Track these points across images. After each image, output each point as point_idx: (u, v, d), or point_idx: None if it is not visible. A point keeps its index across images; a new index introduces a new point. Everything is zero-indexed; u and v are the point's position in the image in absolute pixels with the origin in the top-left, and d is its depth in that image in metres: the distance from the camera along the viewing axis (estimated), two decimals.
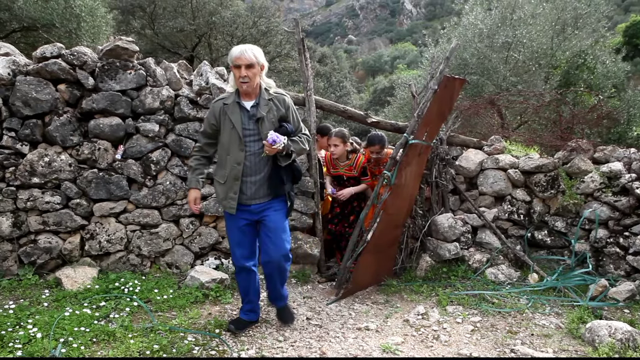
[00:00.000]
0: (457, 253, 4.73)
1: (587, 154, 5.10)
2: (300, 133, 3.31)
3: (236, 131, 3.09)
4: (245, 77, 3.00)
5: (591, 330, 3.32)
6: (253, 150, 3.12)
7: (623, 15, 40.79)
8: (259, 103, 3.12)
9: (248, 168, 3.12)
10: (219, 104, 3.17)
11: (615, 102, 10.21)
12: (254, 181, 3.15)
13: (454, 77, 4.48)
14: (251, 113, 3.12)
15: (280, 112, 3.17)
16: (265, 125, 3.09)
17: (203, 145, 3.34)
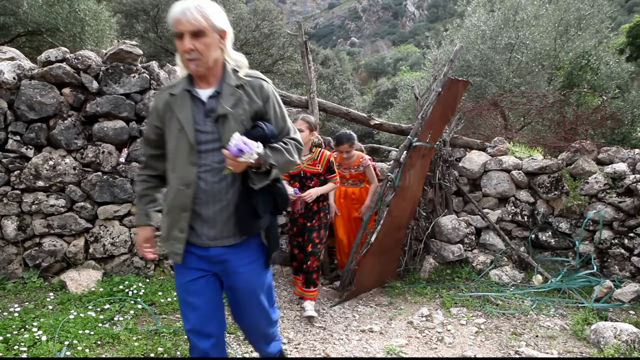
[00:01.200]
0: (460, 255, 4.73)
1: (591, 155, 5.09)
2: (287, 137, 2.09)
3: (185, 135, 1.94)
4: (193, 52, 1.86)
5: (596, 332, 3.30)
6: (211, 165, 1.95)
7: (627, 15, 40.68)
8: (220, 91, 1.97)
9: (203, 192, 1.95)
10: (164, 95, 2.05)
11: (619, 102, 10.18)
12: (213, 213, 1.98)
13: (458, 79, 4.48)
14: (208, 107, 1.96)
15: (254, 105, 2.00)
16: (229, 126, 1.92)
17: (148, 160, 2.19)
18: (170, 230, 2.02)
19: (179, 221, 1.99)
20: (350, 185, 4.71)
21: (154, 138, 2.10)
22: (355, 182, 4.72)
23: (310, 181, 3.94)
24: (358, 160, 4.60)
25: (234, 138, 1.80)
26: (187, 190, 1.95)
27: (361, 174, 4.66)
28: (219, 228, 1.98)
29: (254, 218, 1.99)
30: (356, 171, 4.63)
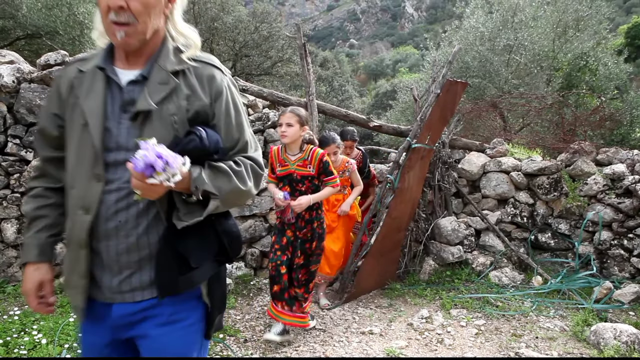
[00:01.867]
0: (460, 256, 4.73)
1: (589, 156, 5.09)
2: (242, 155, 1.42)
3: (89, 135, 1.30)
4: (124, 13, 1.25)
5: (596, 333, 3.30)
6: (121, 183, 1.31)
7: (625, 16, 40.77)
8: (148, 76, 1.33)
9: (105, 221, 1.30)
10: (70, 71, 1.40)
11: (617, 103, 10.20)
12: (116, 253, 1.32)
13: (456, 81, 4.49)
14: (127, 97, 1.33)
15: (197, 102, 1.35)
16: (152, 128, 1.30)
17: (45, 165, 1.48)
18: (70, 274, 1.36)
19: (78, 261, 1.32)
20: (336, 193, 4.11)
21: (54, 133, 1.40)
22: (340, 189, 4.04)
23: (301, 185, 3.34)
24: (343, 165, 4.09)
25: (144, 147, 1.15)
26: (85, 217, 1.28)
27: (346, 179, 4.12)
28: (124, 276, 1.31)
29: (180, 269, 1.31)
30: (341, 177, 3.96)
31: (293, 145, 3.34)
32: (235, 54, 16.15)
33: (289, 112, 3.32)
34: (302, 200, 3.22)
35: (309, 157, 3.33)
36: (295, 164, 3.34)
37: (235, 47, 15.84)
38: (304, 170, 3.34)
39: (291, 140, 3.29)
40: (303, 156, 3.34)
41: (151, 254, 1.32)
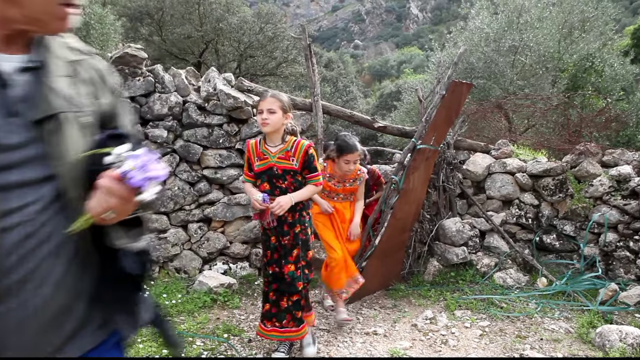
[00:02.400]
0: (465, 257, 4.72)
1: (595, 157, 5.07)
2: None
3: None
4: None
5: (601, 335, 3.29)
6: (27, 216, 0.91)
7: (631, 17, 40.57)
8: (44, 64, 0.98)
9: (4, 275, 0.89)
10: None
11: (623, 105, 10.14)
12: (26, 315, 0.92)
13: (462, 82, 4.48)
14: (17, 93, 0.93)
15: (103, 100, 1.09)
16: (66, 137, 0.96)
17: None
18: None
19: None
20: (342, 200, 3.87)
21: None
22: (347, 197, 3.87)
23: (282, 181, 2.89)
24: (356, 172, 3.76)
25: (136, 157, 0.91)
26: None
27: (355, 188, 3.84)
28: (27, 335, 0.93)
29: (125, 302, 1.10)
30: (351, 185, 3.81)
31: (274, 135, 2.90)
32: (240, 55, 16.19)
33: (270, 97, 2.92)
34: (281, 201, 2.76)
35: (292, 149, 2.88)
36: (276, 157, 2.89)
37: (240, 48, 15.88)
38: (286, 163, 2.88)
39: (273, 128, 2.88)
40: (285, 147, 2.90)
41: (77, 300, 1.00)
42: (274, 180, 2.92)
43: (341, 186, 3.80)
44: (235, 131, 4.70)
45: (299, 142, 2.92)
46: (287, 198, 2.83)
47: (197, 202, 4.66)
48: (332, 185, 3.77)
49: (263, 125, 2.89)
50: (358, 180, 3.82)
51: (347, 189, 3.81)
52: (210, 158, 4.61)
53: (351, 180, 3.78)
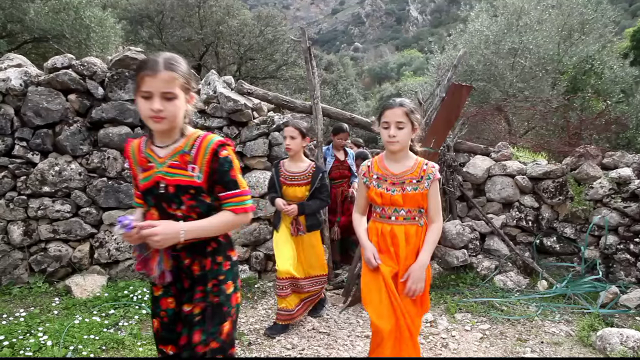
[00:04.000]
0: (465, 260, 4.71)
1: (595, 159, 5.07)
2: None
3: None
4: None
5: (602, 338, 3.28)
6: None
7: (630, 20, 40.62)
8: None
9: None
10: None
11: (623, 107, 10.15)
12: None
13: (461, 85, 4.49)
14: None
15: None
16: None
17: None
18: None
19: None
20: (404, 221, 2.42)
21: None
22: (412, 213, 2.41)
23: (175, 206, 1.75)
24: (420, 167, 2.41)
25: None
26: None
27: (424, 194, 2.39)
28: None
29: None
30: (416, 189, 2.38)
31: (167, 128, 1.72)
32: (240, 58, 16.21)
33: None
34: (160, 230, 1.62)
35: (192, 150, 1.73)
36: (165, 164, 1.74)
37: (240, 51, 15.90)
38: (182, 175, 1.72)
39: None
40: (182, 147, 1.74)
41: None
42: (164, 204, 1.74)
43: (399, 191, 2.38)
44: (235, 134, 4.70)
45: (205, 138, 1.73)
46: (173, 227, 1.64)
47: None
48: (384, 191, 2.41)
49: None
50: (426, 180, 2.37)
51: (409, 195, 2.36)
52: None
53: (414, 181, 2.37)
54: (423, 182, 2.38)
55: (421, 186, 2.38)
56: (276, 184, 3.58)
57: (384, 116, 2.38)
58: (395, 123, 2.32)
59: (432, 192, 2.41)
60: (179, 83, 1.67)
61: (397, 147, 2.36)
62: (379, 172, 2.46)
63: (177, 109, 1.68)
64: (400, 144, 2.36)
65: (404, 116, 2.32)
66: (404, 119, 2.32)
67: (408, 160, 2.43)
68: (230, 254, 1.87)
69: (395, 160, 2.44)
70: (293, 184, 3.54)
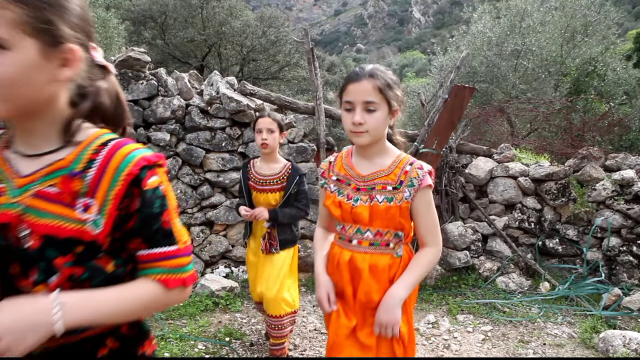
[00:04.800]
0: (467, 261, 4.71)
1: (598, 161, 5.06)
2: None
3: None
4: None
5: (605, 340, 3.28)
6: None
7: (634, 21, 40.57)
8: None
9: None
10: None
11: (626, 109, 10.15)
12: None
13: (464, 86, 4.49)
14: None
15: None
16: None
17: None
18: None
19: None
20: (374, 250, 1.66)
21: None
22: (385, 238, 1.65)
23: (38, 275, 0.85)
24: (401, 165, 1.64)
25: None
26: None
27: (403, 208, 1.61)
28: None
29: None
30: (391, 201, 1.61)
31: (42, 125, 0.93)
32: (242, 58, 16.24)
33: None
34: None
35: (87, 171, 0.87)
36: (26, 191, 0.87)
37: (243, 52, 15.93)
38: (59, 216, 0.85)
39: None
40: (66, 163, 0.88)
41: None
42: (13, 271, 0.86)
43: (365, 201, 1.63)
44: (237, 134, 4.71)
45: (116, 150, 0.88)
46: (33, 309, 0.79)
47: (199, 205, 4.66)
48: (344, 199, 1.66)
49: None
50: (408, 188, 1.59)
51: (379, 208, 1.60)
52: (213, 161, 4.62)
53: (389, 187, 1.60)
54: (403, 189, 1.57)
55: (399, 196, 1.57)
56: (243, 189, 2.93)
57: (346, 93, 1.55)
58: (363, 104, 1.52)
59: (420, 206, 1.59)
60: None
61: (365, 140, 1.55)
62: (341, 172, 1.69)
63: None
64: (370, 136, 1.55)
65: (375, 93, 1.51)
66: (376, 97, 1.51)
67: (384, 157, 1.64)
68: (144, 352, 1.02)
69: (365, 157, 1.66)
70: (265, 189, 2.85)
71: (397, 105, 1.58)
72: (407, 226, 1.63)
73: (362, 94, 1.51)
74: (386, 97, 1.53)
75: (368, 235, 1.65)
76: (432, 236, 1.65)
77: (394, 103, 1.56)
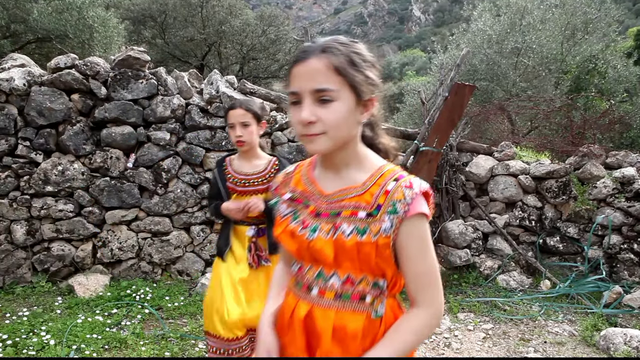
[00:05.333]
0: (468, 260, 4.70)
1: (599, 159, 5.05)
2: None
3: None
4: None
5: (606, 338, 3.27)
6: None
7: (634, 19, 40.51)
8: None
9: None
10: None
11: (627, 106, 10.13)
12: None
13: (464, 84, 4.48)
14: None
15: None
16: None
17: None
18: None
19: None
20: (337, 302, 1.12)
21: None
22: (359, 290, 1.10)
23: None
24: None
25: None
26: None
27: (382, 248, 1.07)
28: None
29: None
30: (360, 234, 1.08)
31: None
32: (242, 57, 16.22)
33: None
34: None
35: None
36: None
37: (243, 50, 15.91)
38: None
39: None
40: None
41: None
42: None
43: (327, 231, 1.11)
44: None
45: None
46: None
47: (199, 205, 4.66)
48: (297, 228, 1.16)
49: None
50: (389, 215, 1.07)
51: (345, 244, 1.08)
52: (213, 160, 4.61)
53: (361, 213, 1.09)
54: (381, 217, 1.07)
55: (375, 227, 1.06)
56: (222, 192, 2.43)
57: (291, 80, 1.07)
58: (313, 93, 1.03)
59: (408, 245, 1.07)
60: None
61: (322, 146, 1.06)
62: (298, 188, 1.21)
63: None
64: (330, 139, 1.05)
65: (330, 75, 1.03)
66: (332, 81, 1.03)
67: (357, 170, 1.14)
68: None
69: (331, 168, 1.16)
70: (248, 190, 2.40)
71: (369, 92, 1.08)
72: (389, 272, 1.10)
73: (311, 79, 1.01)
74: (349, 80, 1.02)
75: (333, 283, 1.10)
76: (426, 291, 1.11)
77: (363, 89, 1.05)
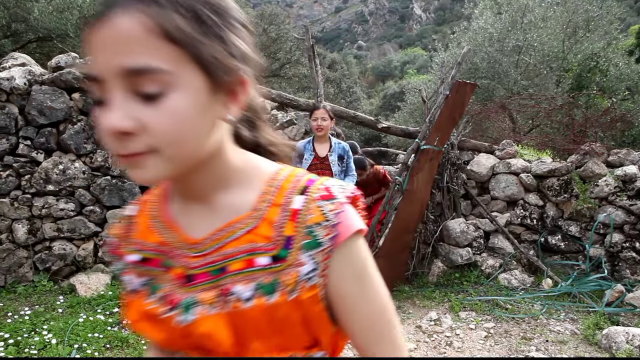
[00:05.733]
0: (469, 258, 4.70)
1: (600, 157, 5.04)
2: None
3: None
4: None
5: (608, 337, 3.26)
6: None
7: (636, 17, 40.41)
8: None
9: None
10: None
11: (629, 104, 10.10)
12: None
13: (466, 82, 4.47)
14: None
15: None
16: None
17: None
18: None
19: None
20: None
21: None
22: None
23: None
24: None
25: None
26: None
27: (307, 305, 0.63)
28: None
29: None
30: (267, 293, 0.60)
31: None
32: None
33: None
34: None
35: None
36: None
37: None
38: None
39: None
40: None
41: None
42: None
43: (217, 297, 0.61)
44: None
45: None
46: None
47: None
48: (161, 310, 0.63)
49: None
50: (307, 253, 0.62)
51: (255, 320, 0.60)
52: None
53: (261, 259, 0.61)
54: (296, 259, 0.62)
55: (288, 276, 0.61)
56: None
57: (90, 50, 0.63)
58: (123, 77, 0.56)
59: (348, 286, 0.70)
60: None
61: (152, 174, 0.57)
62: (149, 241, 0.69)
63: None
64: (165, 160, 0.56)
65: (152, 42, 0.53)
66: (158, 54, 0.54)
67: (238, 189, 0.66)
68: None
69: (194, 197, 0.67)
70: None
71: (235, 69, 0.63)
72: (325, 336, 0.71)
73: (117, 51, 0.56)
74: (193, 52, 0.55)
75: None
76: (380, 344, 0.72)
77: (221, 66, 0.59)
